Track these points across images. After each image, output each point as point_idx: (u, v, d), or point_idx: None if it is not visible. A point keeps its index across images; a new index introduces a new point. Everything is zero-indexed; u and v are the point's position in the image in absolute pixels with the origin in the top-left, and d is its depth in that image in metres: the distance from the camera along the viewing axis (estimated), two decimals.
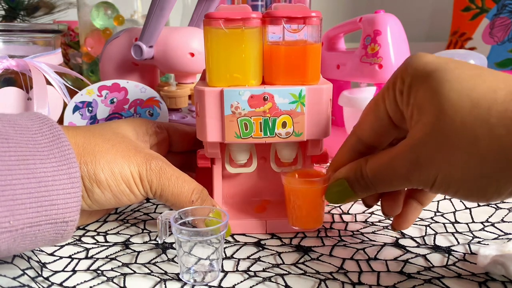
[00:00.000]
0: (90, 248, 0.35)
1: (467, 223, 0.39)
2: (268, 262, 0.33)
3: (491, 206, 0.42)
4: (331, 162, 0.35)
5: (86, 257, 0.34)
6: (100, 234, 0.38)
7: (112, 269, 0.32)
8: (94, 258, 0.33)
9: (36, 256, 0.33)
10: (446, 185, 0.26)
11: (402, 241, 0.36)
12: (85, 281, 0.30)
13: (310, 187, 0.34)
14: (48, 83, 0.50)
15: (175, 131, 0.44)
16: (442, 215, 0.41)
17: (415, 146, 0.26)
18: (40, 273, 0.31)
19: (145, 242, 0.36)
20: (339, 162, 0.33)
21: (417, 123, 0.27)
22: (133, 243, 0.36)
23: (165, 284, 0.30)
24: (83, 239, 0.37)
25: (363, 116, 0.32)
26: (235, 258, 0.33)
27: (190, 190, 0.35)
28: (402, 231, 0.37)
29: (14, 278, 0.30)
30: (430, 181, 0.26)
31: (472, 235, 0.37)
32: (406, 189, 0.34)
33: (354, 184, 0.31)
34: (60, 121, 0.52)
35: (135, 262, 0.33)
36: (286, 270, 0.31)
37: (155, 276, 0.31)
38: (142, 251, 0.34)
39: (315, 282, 0.30)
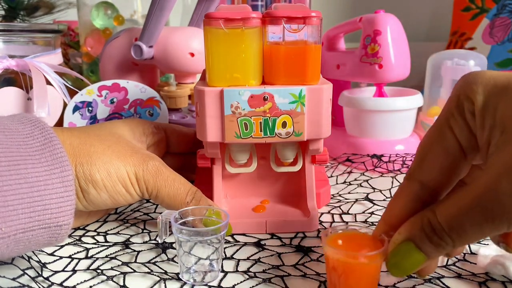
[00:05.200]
0: (90, 248, 0.35)
1: None
2: (268, 263, 0.33)
3: None
4: (381, 221, 0.28)
5: (86, 257, 0.34)
6: (100, 234, 0.37)
7: (111, 268, 0.32)
8: (94, 258, 0.33)
9: (36, 256, 0.33)
10: None
11: None
12: (85, 281, 0.30)
13: (367, 261, 0.26)
14: (48, 83, 0.50)
15: (173, 131, 0.44)
16: None
17: None
18: (40, 273, 0.31)
19: (145, 242, 0.36)
20: (395, 221, 0.27)
21: (503, 145, 0.23)
22: (133, 243, 0.36)
23: (164, 283, 0.30)
24: (83, 239, 0.37)
25: (423, 154, 0.27)
26: (235, 259, 0.33)
27: (185, 192, 0.35)
28: None
29: (14, 279, 0.30)
30: None
31: None
32: None
33: (424, 244, 0.24)
34: (60, 121, 0.52)
35: (135, 262, 0.33)
36: (286, 272, 0.31)
37: (155, 275, 0.31)
38: (142, 250, 0.34)
39: (315, 284, 0.30)
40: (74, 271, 0.32)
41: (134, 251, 0.34)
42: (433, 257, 0.25)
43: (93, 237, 0.37)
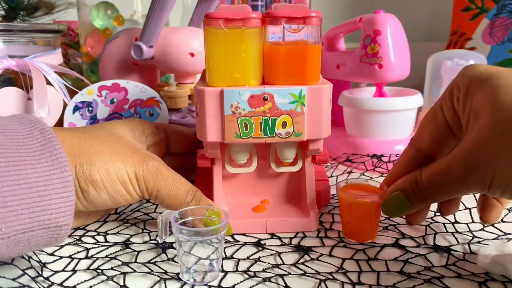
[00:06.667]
0: (90, 248, 0.35)
1: (467, 223, 0.39)
2: (268, 263, 0.33)
3: None
4: (387, 175, 0.36)
5: (86, 257, 0.34)
6: (100, 234, 0.38)
7: (112, 268, 0.32)
8: (94, 257, 0.33)
9: (36, 256, 0.33)
10: (503, 185, 0.27)
11: (402, 241, 0.36)
12: (85, 281, 0.30)
13: (368, 201, 0.34)
14: (48, 83, 0.50)
15: (172, 132, 0.44)
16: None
17: (471, 148, 0.28)
18: (40, 273, 0.31)
19: (145, 242, 0.36)
20: (396, 175, 0.34)
21: (473, 127, 0.28)
22: (133, 243, 0.36)
23: (165, 283, 0.30)
24: (83, 239, 0.37)
25: (422, 126, 0.34)
26: (235, 258, 0.33)
27: (185, 192, 0.35)
28: (402, 231, 0.37)
29: (14, 279, 0.30)
30: (487, 183, 0.27)
31: (472, 235, 0.37)
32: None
33: (410, 195, 0.32)
34: (60, 121, 0.52)
35: (135, 261, 0.33)
36: (286, 271, 0.31)
37: (155, 275, 0.31)
38: (142, 250, 0.34)
39: (315, 283, 0.30)
40: (74, 271, 0.32)
41: (134, 251, 0.35)
42: (417, 206, 0.32)
43: (93, 237, 0.37)
